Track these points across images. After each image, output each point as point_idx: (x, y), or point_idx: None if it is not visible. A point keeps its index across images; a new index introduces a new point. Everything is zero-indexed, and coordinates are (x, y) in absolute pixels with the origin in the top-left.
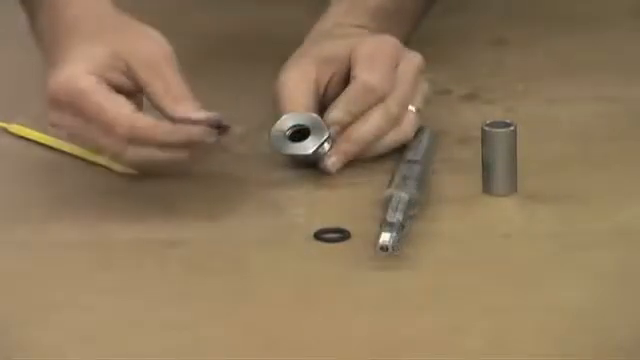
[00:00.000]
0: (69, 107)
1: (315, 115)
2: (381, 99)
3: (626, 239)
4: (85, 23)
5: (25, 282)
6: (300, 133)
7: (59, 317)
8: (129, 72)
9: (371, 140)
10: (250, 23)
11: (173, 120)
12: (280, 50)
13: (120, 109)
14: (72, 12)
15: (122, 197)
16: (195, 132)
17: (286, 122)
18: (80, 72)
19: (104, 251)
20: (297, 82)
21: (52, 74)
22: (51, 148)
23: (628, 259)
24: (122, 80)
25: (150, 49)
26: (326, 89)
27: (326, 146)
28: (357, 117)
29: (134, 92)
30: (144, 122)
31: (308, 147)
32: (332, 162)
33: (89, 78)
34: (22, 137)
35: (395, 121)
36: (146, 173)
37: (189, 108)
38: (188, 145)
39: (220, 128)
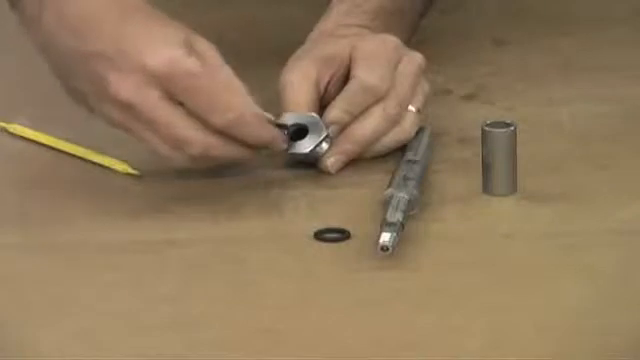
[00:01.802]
0: (171, 86)
1: (314, 114)
2: (380, 99)
3: (626, 239)
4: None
5: (25, 282)
6: (299, 132)
7: (59, 317)
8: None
9: (370, 140)
10: (250, 23)
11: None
12: (281, 50)
13: (230, 94)
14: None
15: (122, 197)
16: (278, 136)
17: (285, 121)
18: (183, 54)
19: (104, 251)
20: (298, 82)
21: (136, 51)
22: (51, 148)
23: (628, 259)
24: None
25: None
26: (327, 89)
27: (324, 145)
28: (356, 117)
29: None
30: (253, 113)
31: (306, 146)
32: (331, 162)
33: (194, 61)
34: (22, 137)
35: (394, 121)
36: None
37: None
38: (264, 147)
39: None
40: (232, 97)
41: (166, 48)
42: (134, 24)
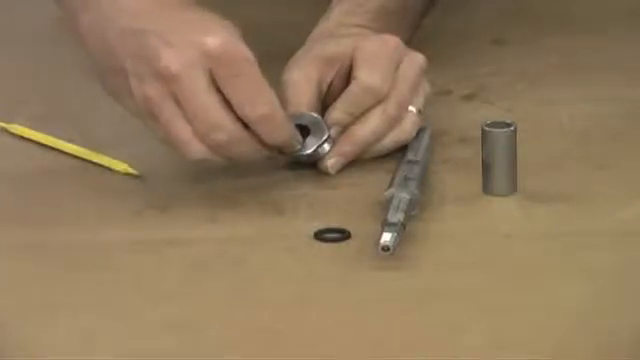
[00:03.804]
0: (220, 69)
1: (316, 115)
2: (381, 100)
3: (626, 239)
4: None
5: (25, 282)
6: (301, 132)
7: (59, 317)
8: None
9: (370, 141)
10: (251, 24)
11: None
12: (281, 50)
13: (268, 91)
14: None
15: (122, 197)
16: (296, 137)
17: None
18: (239, 40)
19: (104, 251)
20: (300, 83)
21: (192, 34)
22: (51, 148)
23: (628, 259)
24: None
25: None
26: (328, 89)
27: (326, 146)
28: (357, 118)
29: None
30: (282, 114)
31: (307, 147)
32: (331, 163)
33: (246, 48)
34: (22, 137)
35: (394, 122)
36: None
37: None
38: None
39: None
40: (270, 93)
41: (224, 32)
42: (192, 12)
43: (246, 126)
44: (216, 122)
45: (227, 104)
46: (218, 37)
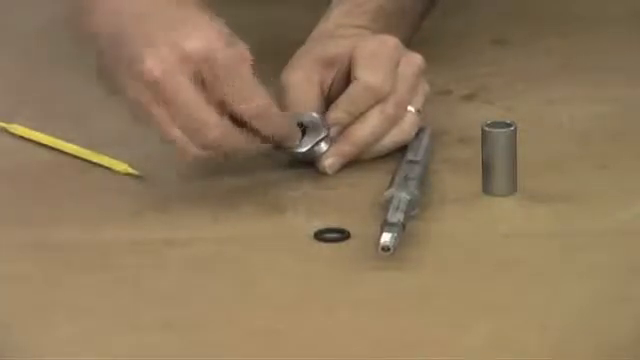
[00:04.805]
0: (205, 69)
1: (315, 114)
2: (381, 100)
3: (626, 239)
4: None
5: (25, 282)
6: (300, 131)
7: (59, 317)
8: None
9: (369, 141)
10: (251, 23)
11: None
12: (281, 51)
13: (259, 86)
14: None
15: (122, 197)
16: (295, 131)
17: None
18: (222, 40)
19: (104, 251)
20: (302, 84)
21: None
22: (51, 148)
23: (628, 259)
24: None
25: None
26: (329, 89)
27: (323, 145)
28: (357, 118)
29: None
30: (276, 109)
31: (304, 144)
32: (329, 163)
33: (231, 49)
34: (22, 137)
35: (393, 121)
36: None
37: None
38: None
39: None
40: (260, 88)
41: (208, 32)
42: (185, 10)
43: (239, 123)
44: (204, 120)
45: (214, 102)
46: (202, 39)
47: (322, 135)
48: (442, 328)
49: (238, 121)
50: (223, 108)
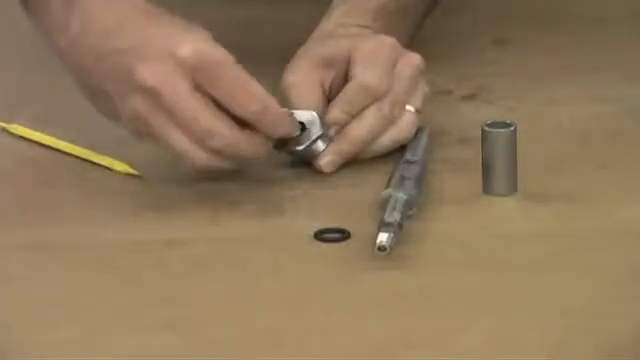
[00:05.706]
0: (199, 76)
1: (314, 113)
2: (378, 99)
3: (626, 239)
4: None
5: (25, 282)
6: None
7: (59, 317)
8: None
9: (365, 140)
10: (251, 23)
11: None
12: (281, 50)
13: (255, 86)
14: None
15: (122, 197)
16: (297, 128)
17: None
18: (211, 45)
19: (104, 251)
20: (304, 83)
21: (163, 42)
22: (51, 148)
23: (628, 259)
24: None
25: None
26: (330, 89)
27: (321, 144)
28: (354, 117)
29: None
30: (275, 104)
31: (301, 142)
32: (325, 162)
33: (222, 50)
34: (22, 137)
35: (390, 120)
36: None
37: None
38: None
39: None
40: (257, 89)
41: (194, 39)
42: (161, 25)
43: (244, 124)
44: (208, 128)
45: (218, 107)
46: (186, 46)
47: (319, 133)
48: (442, 328)
49: (242, 124)
50: (225, 111)
